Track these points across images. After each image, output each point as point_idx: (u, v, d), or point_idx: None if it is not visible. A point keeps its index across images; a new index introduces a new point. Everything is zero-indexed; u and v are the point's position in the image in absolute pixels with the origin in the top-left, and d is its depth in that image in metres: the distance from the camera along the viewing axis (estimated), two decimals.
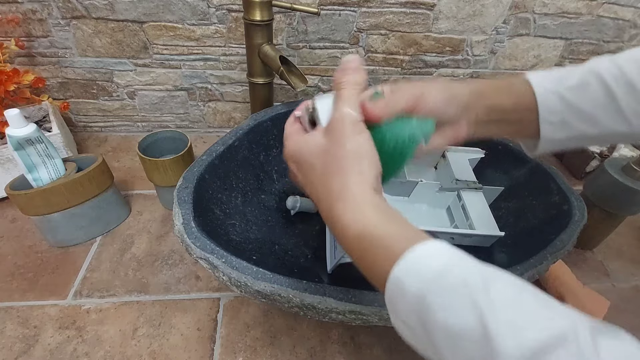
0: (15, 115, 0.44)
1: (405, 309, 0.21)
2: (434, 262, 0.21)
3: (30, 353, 0.42)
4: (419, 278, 0.21)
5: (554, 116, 0.32)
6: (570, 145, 0.35)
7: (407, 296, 0.21)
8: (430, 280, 0.20)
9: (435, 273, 0.20)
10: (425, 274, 0.21)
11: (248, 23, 0.54)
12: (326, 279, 0.46)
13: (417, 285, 0.20)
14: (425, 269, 0.21)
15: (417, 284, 0.21)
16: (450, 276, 0.20)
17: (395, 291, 0.22)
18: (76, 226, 0.53)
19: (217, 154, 0.48)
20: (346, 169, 0.26)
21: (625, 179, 0.52)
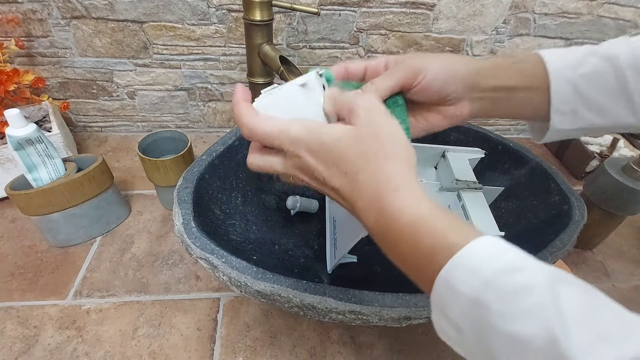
0: (15, 115, 0.44)
1: (458, 310, 0.19)
2: (494, 261, 0.19)
3: (30, 353, 0.42)
4: (477, 278, 0.19)
5: (565, 106, 0.31)
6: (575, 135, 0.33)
7: (460, 297, 0.19)
8: (490, 281, 0.18)
9: (495, 274, 0.18)
10: (484, 274, 0.19)
11: (248, 23, 0.54)
12: (326, 279, 0.46)
13: (474, 285, 0.19)
14: (484, 267, 0.19)
15: (474, 284, 0.19)
16: (513, 278, 0.18)
17: (446, 290, 0.20)
18: (76, 226, 0.53)
19: (217, 154, 0.48)
20: (391, 155, 0.23)
21: (625, 179, 0.52)
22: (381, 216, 0.23)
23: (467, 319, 0.19)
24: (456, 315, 0.20)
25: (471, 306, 0.19)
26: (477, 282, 0.19)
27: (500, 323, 0.18)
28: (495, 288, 0.18)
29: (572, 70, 0.30)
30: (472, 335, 0.19)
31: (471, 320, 0.19)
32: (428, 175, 0.61)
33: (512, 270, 0.19)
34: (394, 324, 0.35)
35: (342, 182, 0.24)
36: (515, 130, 0.91)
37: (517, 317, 0.17)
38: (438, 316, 0.21)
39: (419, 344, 0.46)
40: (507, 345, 0.17)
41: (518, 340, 0.17)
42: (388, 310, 0.34)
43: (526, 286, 0.18)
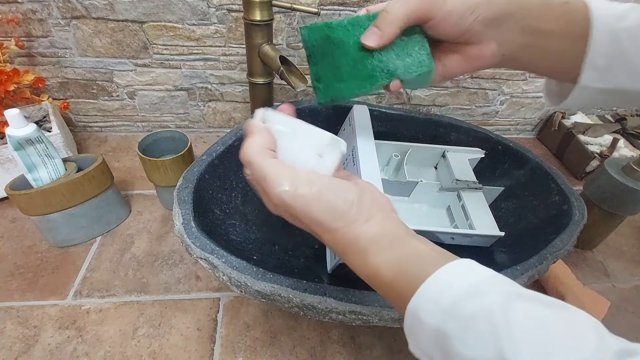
0: (15, 115, 0.44)
1: (425, 340, 0.20)
2: (453, 290, 0.20)
3: (30, 353, 0.42)
4: (438, 307, 0.20)
5: (601, 59, 0.28)
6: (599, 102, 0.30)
7: (425, 327, 0.20)
8: (448, 310, 0.19)
9: (454, 302, 0.19)
10: (444, 303, 0.20)
11: (248, 23, 0.54)
12: (326, 279, 0.46)
13: (435, 314, 0.20)
14: (444, 298, 0.20)
15: (435, 313, 0.20)
16: (469, 304, 0.19)
17: (413, 321, 0.21)
18: (76, 226, 0.53)
19: (217, 154, 0.48)
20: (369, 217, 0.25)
21: (625, 179, 0.52)
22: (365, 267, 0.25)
23: (434, 348, 0.20)
24: (425, 345, 0.21)
25: (435, 335, 0.20)
26: (438, 311, 0.20)
27: (461, 349, 0.18)
28: (454, 316, 0.19)
29: (616, 20, 0.27)
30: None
31: (438, 349, 0.20)
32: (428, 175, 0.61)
33: (469, 296, 0.19)
34: (394, 324, 0.35)
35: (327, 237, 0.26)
36: (515, 130, 0.91)
37: (473, 342, 0.18)
38: (412, 346, 0.22)
39: None
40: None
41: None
42: (388, 310, 0.34)
43: (481, 311, 0.19)
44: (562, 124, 0.82)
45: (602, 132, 0.79)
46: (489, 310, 0.18)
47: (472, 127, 0.61)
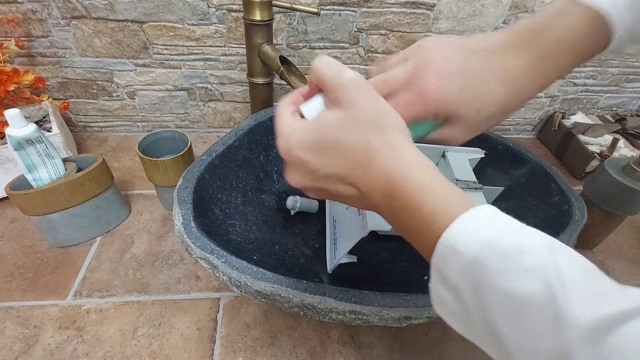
0: (15, 115, 0.44)
1: (458, 272, 0.20)
2: (492, 225, 0.20)
3: (30, 353, 0.42)
4: (477, 240, 0.19)
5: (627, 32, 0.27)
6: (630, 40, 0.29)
7: (460, 257, 0.19)
8: (490, 242, 0.19)
9: (495, 236, 0.19)
10: (485, 236, 0.19)
11: (248, 23, 0.54)
12: (326, 279, 0.46)
13: (474, 248, 0.19)
14: (485, 230, 0.19)
15: (474, 246, 0.19)
16: (512, 240, 0.19)
17: (446, 251, 0.20)
18: (76, 226, 0.53)
19: (217, 154, 0.48)
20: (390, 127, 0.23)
21: (625, 179, 0.52)
22: (389, 186, 0.23)
23: (465, 280, 0.19)
24: (455, 276, 0.20)
25: (470, 266, 0.19)
26: (476, 242, 0.19)
27: (499, 281, 0.18)
28: (494, 248, 0.19)
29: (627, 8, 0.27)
30: (470, 297, 0.19)
31: (470, 280, 0.19)
32: None
33: (510, 232, 0.19)
34: (394, 324, 0.35)
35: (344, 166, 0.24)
36: (515, 130, 0.91)
37: (516, 275, 0.18)
38: (436, 282, 0.22)
39: (419, 344, 0.46)
40: (505, 303, 0.18)
41: (516, 298, 0.17)
42: (388, 310, 0.34)
43: (525, 247, 0.18)
44: (562, 124, 0.82)
45: (602, 132, 0.79)
46: (533, 247, 0.18)
47: None
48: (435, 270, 0.21)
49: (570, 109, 0.88)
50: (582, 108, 0.88)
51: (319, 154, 0.24)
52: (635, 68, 0.82)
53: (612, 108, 0.89)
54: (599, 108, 0.89)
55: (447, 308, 0.22)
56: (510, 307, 0.18)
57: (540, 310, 0.17)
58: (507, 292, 0.18)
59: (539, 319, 0.17)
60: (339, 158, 0.23)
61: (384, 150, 0.23)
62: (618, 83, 0.84)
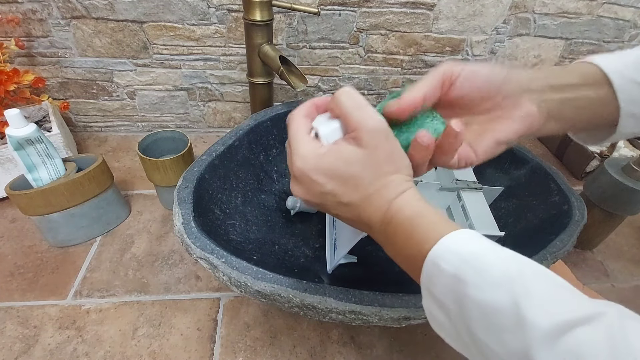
0: (15, 115, 0.44)
1: (442, 286, 0.22)
2: (471, 245, 0.22)
3: (30, 353, 0.42)
4: (457, 258, 0.22)
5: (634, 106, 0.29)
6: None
7: (444, 274, 0.22)
8: (467, 260, 0.21)
9: (472, 254, 0.22)
10: (463, 254, 0.22)
11: (248, 23, 0.54)
12: (326, 279, 0.46)
13: (454, 264, 0.21)
14: (463, 250, 0.22)
15: (454, 263, 0.21)
16: (486, 257, 0.21)
17: (432, 269, 0.23)
18: (76, 226, 0.53)
19: (217, 154, 0.48)
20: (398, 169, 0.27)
21: (625, 179, 0.52)
22: (388, 213, 0.26)
23: (449, 295, 0.22)
24: (440, 292, 0.22)
25: (452, 281, 0.21)
26: (457, 259, 0.22)
27: (474, 292, 0.20)
28: (470, 263, 0.21)
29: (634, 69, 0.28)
30: (453, 309, 0.22)
31: (452, 295, 0.22)
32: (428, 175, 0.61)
33: (486, 250, 0.22)
34: (394, 324, 0.35)
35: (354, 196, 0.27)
36: None
37: (488, 287, 0.20)
38: (426, 299, 0.24)
39: (419, 344, 0.46)
40: (480, 313, 0.20)
41: (488, 307, 0.20)
42: (388, 310, 0.34)
43: (495, 262, 0.21)
44: None
45: None
46: (504, 263, 0.21)
47: None
48: (424, 288, 0.24)
49: None
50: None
51: (334, 181, 0.26)
52: None
53: None
54: None
55: (438, 322, 0.24)
56: (484, 315, 0.20)
57: (507, 317, 0.19)
58: (481, 302, 0.20)
59: (507, 324, 0.19)
60: (352, 189, 0.26)
61: (390, 187, 0.26)
62: None
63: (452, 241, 0.23)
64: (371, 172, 0.26)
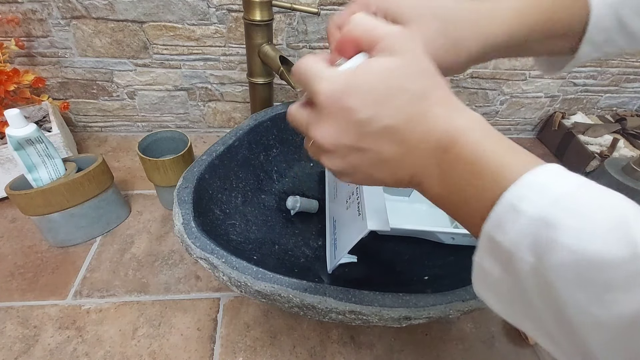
0: (15, 115, 0.44)
1: (516, 233, 0.17)
2: (566, 180, 0.17)
3: (30, 353, 0.42)
4: (546, 196, 0.17)
5: (600, 35, 0.28)
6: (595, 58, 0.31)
7: (523, 217, 0.17)
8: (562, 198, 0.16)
9: (568, 191, 0.17)
10: (555, 191, 0.17)
11: (248, 23, 0.54)
12: (326, 279, 0.46)
13: (542, 202, 0.16)
14: (555, 186, 0.17)
15: (542, 201, 0.17)
16: (588, 196, 0.17)
17: (507, 213, 0.17)
18: (76, 226, 0.53)
19: (217, 154, 0.48)
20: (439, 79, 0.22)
21: (625, 179, 0.52)
22: (445, 136, 0.21)
23: (525, 243, 0.17)
24: (512, 240, 0.17)
25: (533, 225, 0.16)
26: (545, 199, 0.16)
27: (571, 240, 0.15)
28: (566, 206, 0.16)
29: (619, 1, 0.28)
30: (528, 264, 0.17)
31: (531, 244, 0.16)
32: None
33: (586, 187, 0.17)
34: (394, 324, 0.35)
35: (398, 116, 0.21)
36: (515, 130, 0.91)
37: (593, 234, 0.15)
38: (483, 252, 0.19)
39: (419, 344, 0.46)
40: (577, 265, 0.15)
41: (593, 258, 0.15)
42: (388, 310, 0.34)
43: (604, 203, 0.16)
44: (562, 124, 0.82)
45: (602, 132, 0.79)
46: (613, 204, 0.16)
47: None
48: (485, 239, 0.19)
49: (570, 109, 0.88)
50: (582, 108, 0.88)
51: (373, 101, 0.21)
52: (635, 68, 0.82)
53: (612, 108, 0.89)
54: (599, 108, 0.89)
55: (490, 281, 0.19)
56: (583, 269, 0.15)
57: (620, 271, 0.14)
58: (581, 252, 0.15)
59: (618, 280, 0.15)
60: (395, 108, 0.21)
61: (441, 101, 0.21)
62: (618, 83, 0.84)
63: (537, 177, 0.17)
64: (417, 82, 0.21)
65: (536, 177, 0.18)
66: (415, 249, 0.51)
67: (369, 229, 0.37)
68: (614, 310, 0.15)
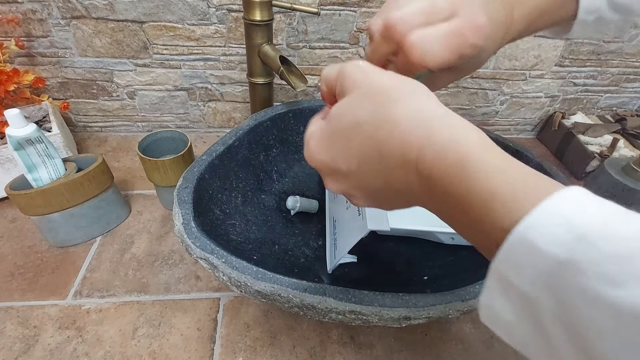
0: (15, 115, 0.44)
1: (533, 275, 0.15)
2: (593, 211, 0.14)
3: (30, 353, 0.42)
4: (568, 234, 0.14)
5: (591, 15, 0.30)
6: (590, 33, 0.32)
7: (540, 257, 0.14)
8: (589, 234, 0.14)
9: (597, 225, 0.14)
10: (580, 225, 0.14)
11: (248, 23, 0.54)
12: (326, 279, 0.46)
13: (564, 239, 0.14)
14: (580, 218, 0.14)
15: (564, 238, 0.14)
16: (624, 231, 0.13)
17: (520, 251, 0.15)
18: (76, 226, 0.53)
19: (217, 154, 0.48)
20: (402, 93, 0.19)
21: (625, 179, 0.52)
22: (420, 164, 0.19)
23: (544, 286, 0.14)
24: (526, 282, 0.15)
25: (556, 268, 0.14)
26: (569, 237, 0.14)
27: (605, 289, 0.13)
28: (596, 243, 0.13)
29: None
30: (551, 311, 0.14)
31: (552, 287, 0.14)
32: None
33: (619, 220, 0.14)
34: (394, 324, 0.35)
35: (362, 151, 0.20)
36: (515, 130, 0.91)
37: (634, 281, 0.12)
38: (492, 292, 0.17)
39: (419, 344, 0.46)
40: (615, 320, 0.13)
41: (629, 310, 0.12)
42: (388, 310, 0.34)
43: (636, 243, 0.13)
44: (562, 124, 0.82)
45: (602, 132, 0.79)
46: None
47: None
48: (496, 277, 0.16)
49: (570, 109, 0.88)
50: (582, 108, 0.88)
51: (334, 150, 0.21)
52: (635, 68, 0.82)
53: (612, 108, 0.89)
54: (599, 108, 0.89)
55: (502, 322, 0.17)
56: (622, 324, 0.13)
57: None
58: (619, 305, 0.13)
59: None
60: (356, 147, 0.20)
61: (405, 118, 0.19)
62: (618, 83, 0.84)
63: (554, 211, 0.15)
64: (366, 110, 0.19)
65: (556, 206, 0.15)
66: (415, 249, 0.51)
67: (369, 229, 0.37)
68: None
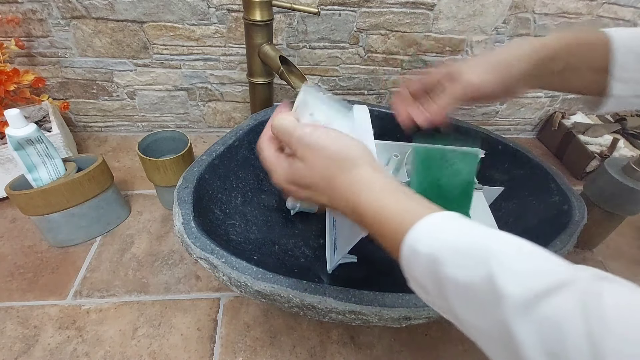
0: (15, 115, 0.44)
1: (420, 270, 0.23)
2: (445, 227, 0.23)
3: (30, 353, 0.42)
4: (431, 240, 0.22)
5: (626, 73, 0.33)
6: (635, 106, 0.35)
7: (420, 258, 0.22)
8: (442, 241, 0.22)
9: (446, 235, 0.22)
10: (437, 236, 0.23)
11: (248, 23, 0.54)
12: (326, 279, 0.46)
13: (429, 246, 0.22)
14: (437, 232, 0.23)
15: (429, 245, 0.22)
16: (460, 235, 0.22)
17: (410, 255, 0.23)
18: (76, 226, 0.53)
19: (217, 154, 0.48)
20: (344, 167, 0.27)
21: (625, 179, 0.52)
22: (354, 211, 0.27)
23: (427, 276, 0.23)
24: (420, 275, 0.23)
25: (428, 262, 0.22)
26: (432, 241, 0.22)
27: (451, 272, 0.21)
28: (446, 246, 0.22)
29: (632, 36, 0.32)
30: (433, 289, 0.23)
31: (431, 277, 0.22)
32: None
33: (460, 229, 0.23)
34: (394, 324, 0.35)
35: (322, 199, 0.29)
36: (515, 130, 0.91)
37: (463, 265, 0.21)
38: (410, 282, 0.25)
39: (419, 344, 0.46)
40: (458, 291, 0.21)
41: (465, 285, 0.20)
42: (388, 310, 0.34)
43: (470, 239, 0.22)
44: (562, 124, 0.82)
45: (602, 132, 0.79)
46: (477, 239, 0.22)
47: (472, 127, 0.61)
48: (407, 274, 0.25)
49: (570, 109, 0.88)
50: (582, 108, 0.88)
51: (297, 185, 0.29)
52: None
53: None
54: None
55: (423, 298, 0.25)
56: (461, 293, 0.21)
57: (484, 292, 0.19)
58: (457, 280, 0.21)
59: (484, 299, 0.20)
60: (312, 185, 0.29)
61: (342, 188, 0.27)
62: None
63: (425, 224, 0.23)
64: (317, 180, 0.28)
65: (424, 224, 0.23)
66: None
67: None
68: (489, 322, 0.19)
